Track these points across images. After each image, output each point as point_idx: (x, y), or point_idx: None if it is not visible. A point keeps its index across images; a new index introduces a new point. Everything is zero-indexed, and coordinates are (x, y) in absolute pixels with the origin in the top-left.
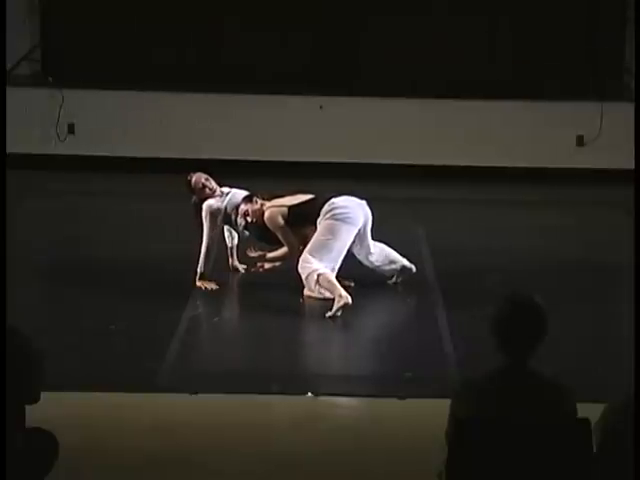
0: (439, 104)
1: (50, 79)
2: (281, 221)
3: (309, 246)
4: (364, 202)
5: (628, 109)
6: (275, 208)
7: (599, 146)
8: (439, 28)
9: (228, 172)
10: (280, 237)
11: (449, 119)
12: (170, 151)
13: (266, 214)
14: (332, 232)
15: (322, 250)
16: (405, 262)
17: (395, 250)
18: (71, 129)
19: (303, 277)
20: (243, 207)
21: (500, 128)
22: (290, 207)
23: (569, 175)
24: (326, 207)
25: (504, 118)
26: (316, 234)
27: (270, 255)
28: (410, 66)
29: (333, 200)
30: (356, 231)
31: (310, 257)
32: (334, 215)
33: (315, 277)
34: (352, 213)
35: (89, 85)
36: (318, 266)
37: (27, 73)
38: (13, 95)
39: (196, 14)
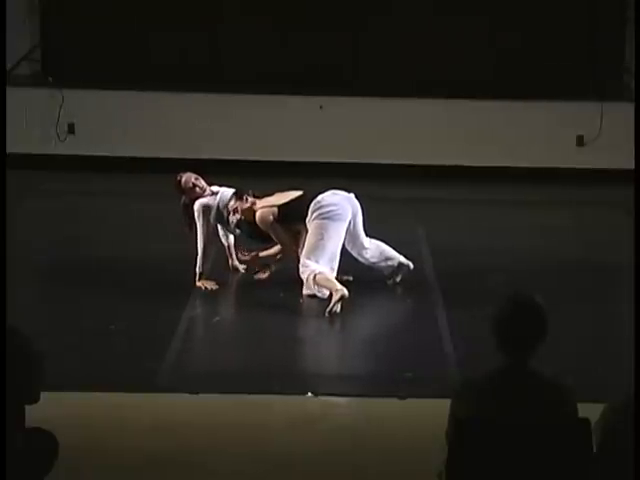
0: (439, 104)
1: (50, 79)
2: (273, 221)
3: (304, 250)
4: (352, 195)
5: (628, 109)
6: (266, 208)
7: (599, 146)
8: (439, 28)
9: (228, 172)
10: (273, 236)
11: (449, 119)
12: (170, 151)
13: (257, 215)
14: (322, 232)
15: (317, 252)
16: (402, 259)
17: (395, 250)
18: (71, 129)
19: (304, 281)
20: (233, 204)
21: (500, 128)
22: (280, 206)
23: (569, 175)
24: (313, 205)
25: (504, 118)
26: (308, 236)
27: (263, 254)
28: (410, 66)
29: (319, 197)
30: (346, 225)
31: (307, 261)
32: (321, 214)
33: (312, 277)
34: (339, 209)
35: (89, 85)
36: (315, 267)
37: (27, 73)
38: (13, 95)
39: (196, 14)
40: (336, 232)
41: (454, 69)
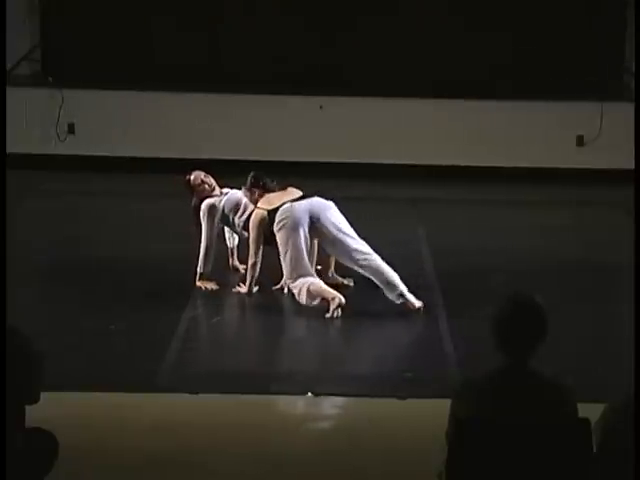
0: (439, 104)
1: (50, 79)
2: (259, 226)
3: (285, 269)
4: (318, 201)
5: (628, 109)
6: (260, 210)
7: (599, 146)
8: (439, 28)
9: (228, 172)
10: (250, 239)
11: (449, 119)
12: (170, 151)
13: (252, 214)
14: (284, 243)
15: (293, 265)
16: (405, 292)
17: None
18: (71, 129)
19: (296, 297)
20: (245, 191)
21: (501, 128)
22: (269, 211)
23: (569, 175)
24: (277, 215)
25: (505, 118)
26: (280, 251)
27: (249, 280)
28: (410, 66)
29: (284, 206)
30: (301, 231)
31: (291, 277)
32: (277, 224)
33: (305, 290)
34: (290, 217)
35: (89, 85)
36: (304, 281)
37: (27, 73)
38: (13, 95)
39: (196, 14)
40: (292, 240)
41: (454, 69)
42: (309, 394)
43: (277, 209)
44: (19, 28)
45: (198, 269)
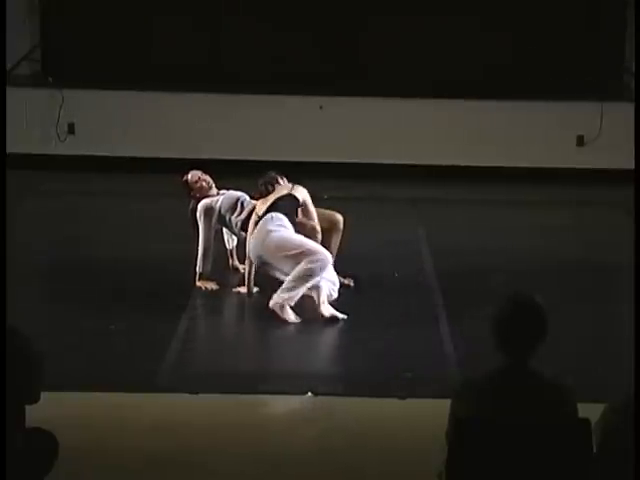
0: (439, 104)
1: (50, 79)
2: (252, 225)
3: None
4: (274, 216)
5: (628, 109)
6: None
7: (599, 146)
8: (439, 28)
9: (228, 172)
10: (247, 239)
11: (449, 119)
12: (170, 151)
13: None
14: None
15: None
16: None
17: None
18: (71, 129)
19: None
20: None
21: (501, 128)
22: (260, 215)
23: (569, 175)
24: None
25: (505, 118)
26: None
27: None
28: (410, 66)
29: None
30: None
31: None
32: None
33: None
34: (253, 243)
35: (89, 85)
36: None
37: (27, 73)
38: (13, 95)
39: (196, 14)
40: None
41: (454, 69)
42: (309, 394)
43: (266, 212)
44: (19, 28)
45: (197, 269)
